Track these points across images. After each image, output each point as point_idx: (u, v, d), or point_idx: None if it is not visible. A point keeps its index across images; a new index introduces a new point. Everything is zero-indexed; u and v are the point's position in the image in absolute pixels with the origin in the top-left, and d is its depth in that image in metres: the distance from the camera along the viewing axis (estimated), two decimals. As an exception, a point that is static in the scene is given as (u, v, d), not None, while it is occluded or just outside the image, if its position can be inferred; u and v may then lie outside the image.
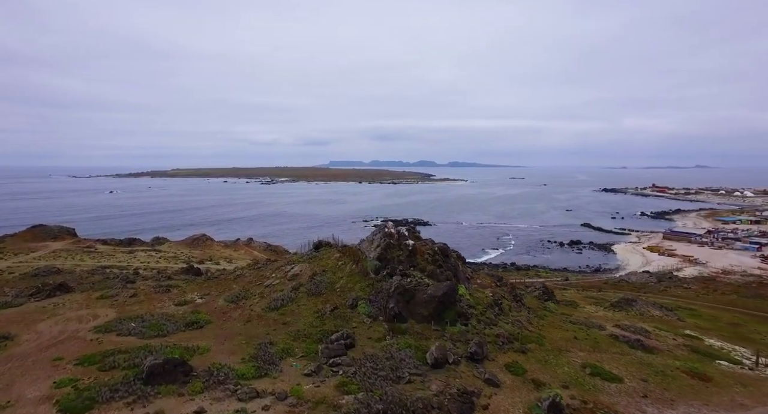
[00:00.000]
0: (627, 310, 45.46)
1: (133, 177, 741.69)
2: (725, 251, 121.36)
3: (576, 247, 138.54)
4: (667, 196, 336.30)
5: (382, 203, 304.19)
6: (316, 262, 37.59)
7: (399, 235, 34.10)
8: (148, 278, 48.22)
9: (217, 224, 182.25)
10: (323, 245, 40.22)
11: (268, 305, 31.78)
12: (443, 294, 29.64)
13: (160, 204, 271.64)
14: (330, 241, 40.70)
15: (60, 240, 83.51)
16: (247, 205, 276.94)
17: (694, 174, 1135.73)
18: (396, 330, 28.49)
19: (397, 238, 33.89)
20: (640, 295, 69.11)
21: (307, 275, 35.27)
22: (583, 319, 39.71)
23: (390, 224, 34.85)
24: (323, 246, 40.26)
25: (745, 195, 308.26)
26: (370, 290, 31.38)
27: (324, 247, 40.12)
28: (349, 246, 39.09)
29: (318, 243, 40.37)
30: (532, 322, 33.90)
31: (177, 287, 39.90)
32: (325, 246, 40.22)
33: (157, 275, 50.26)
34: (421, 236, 36.93)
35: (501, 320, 32.14)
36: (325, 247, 40.06)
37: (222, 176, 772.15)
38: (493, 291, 36.33)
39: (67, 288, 38.34)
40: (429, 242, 36.76)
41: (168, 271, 61.40)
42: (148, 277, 49.10)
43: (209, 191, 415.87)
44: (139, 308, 33.54)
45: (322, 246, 40.34)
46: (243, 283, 38.25)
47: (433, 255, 34.02)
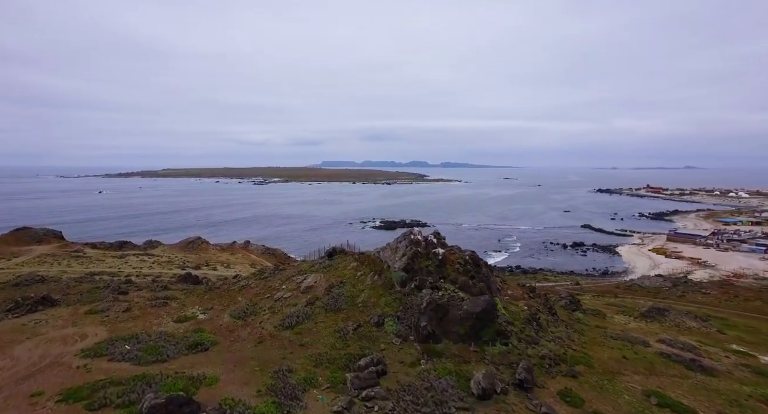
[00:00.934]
0: (660, 320, 42.36)
1: (123, 177, 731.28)
2: (732, 253, 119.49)
3: (580, 250, 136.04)
4: (663, 197, 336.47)
5: (378, 204, 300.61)
6: (332, 272, 33.98)
7: (427, 242, 30.59)
8: (142, 288, 44.16)
9: (212, 226, 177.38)
10: (337, 253, 36.61)
11: (281, 322, 28.11)
12: (482, 310, 26.18)
13: (151, 205, 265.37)
14: (344, 248, 37.09)
15: (46, 243, 78.96)
16: (241, 206, 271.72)
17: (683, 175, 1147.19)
18: (430, 352, 25.00)
19: (424, 245, 30.38)
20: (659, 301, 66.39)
21: (323, 287, 31.66)
22: (620, 332, 36.53)
23: (416, 230, 31.31)
24: (337, 253, 36.65)
25: (740, 196, 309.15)
26: (397, 306, 27.86)
27: (338, 254, 36.52)
28: (367, 254, 35.52)
29: (331, 250, 36.77)
30: (573, 339, 30.58)
31: (175, 299, 36.05)
32: (340, 253, 36.62)
33: (152, 284, 46.22)
34: (446, 243, 33.42)
35: (542, 338, 28.79)
36: (339, 255, 36.49)
37: (213, 176, 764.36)
38: (527, 303, 32.95)
39: (51, 301, 34.34)
40: (456, 249, 33.31)
41: (163, 279, 57.45)
42: (143, 287, 45.05)
43: (202, 192, 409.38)
44: (133, 326, 29.71)
45: (336, 253, 36.73)
46: (249, 295, 34.50)
47: (464, 264, 30.54)
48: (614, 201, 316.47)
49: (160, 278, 60.66)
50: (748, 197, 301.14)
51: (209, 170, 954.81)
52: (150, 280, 50.31)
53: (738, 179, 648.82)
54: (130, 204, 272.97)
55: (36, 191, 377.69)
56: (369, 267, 32.72)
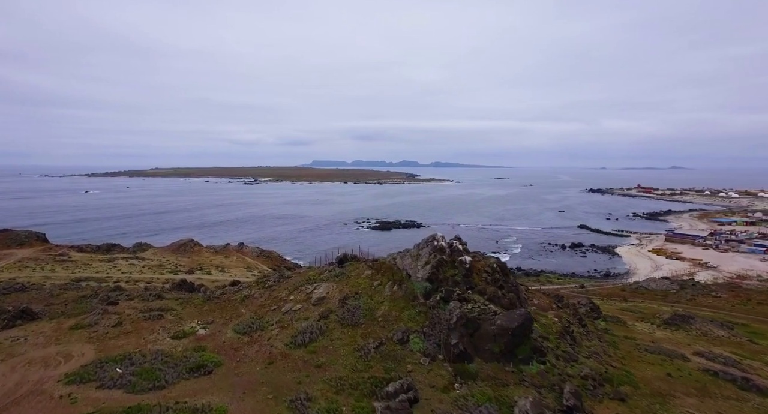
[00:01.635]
0: (685, 329, 40.20)
1: (109, 176, 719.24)
2: (732, 254, 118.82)
3: (579, 250, 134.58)
4: (654, 197, 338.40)
5: (372, 204, 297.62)
6: (344, 281, 31.11)
7: (452, 249, 27.90)
8: (133, 297, 40.79)
9: (204, 227, 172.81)
10: (348, 259, 33.73)
11: (293, 339, 25.19)
12: (519, 326, 23.53)
13: (140, 205, 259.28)
14: (356, 255, 34.25)
15: (28, 247, 74.81)
16: (232, 206, 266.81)
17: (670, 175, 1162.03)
18: (464, 373, 22.32)
19: (449, 253, 27.66)
20: (670, 305, 64.55)
21: (337, 299, 28.79)
22: (650, 343, 34.26)
23: (440, 236, 28.57)
24: (348, 260, 33.79)
25: (730, 196, 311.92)
26: (422, 320, 25.10)
27: (350, 261, 33.65)
28: (382, 260, 32.74)
29: (342, 256, 33.89)
30: (610, 354, 28.13)
31: (171, 311, 32.88)
32: (351, 260, 33.75)
33: (144, 292, 42.81)
34: (469, 249, 30.76)
35: (578, 353, 26.26)
36: (351, 262, 33.62)
37: (203, 176, 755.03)
38: (557, 314, 30.43)
39: (32, 314, 31.00)
40: (482, 256, 30.68)
41: (156, 286, 54.08)
42: (134, 296, 41.66)
43: (191, 191, 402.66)
44: (125, 343, 26.60)
45: (347, 260, 33.86)
46: (254, 306, 31.50)
47: (492, 273, 27.90)
48: (607, 201, 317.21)
49: (152, 284, 57.25)
50: (738, 197, 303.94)
51: (199, 170, 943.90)
52: (142, 288, 46.89)
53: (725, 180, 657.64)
54: (118, 204, 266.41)
55: (18, 191, 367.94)
56: (386, 276, 29.92)
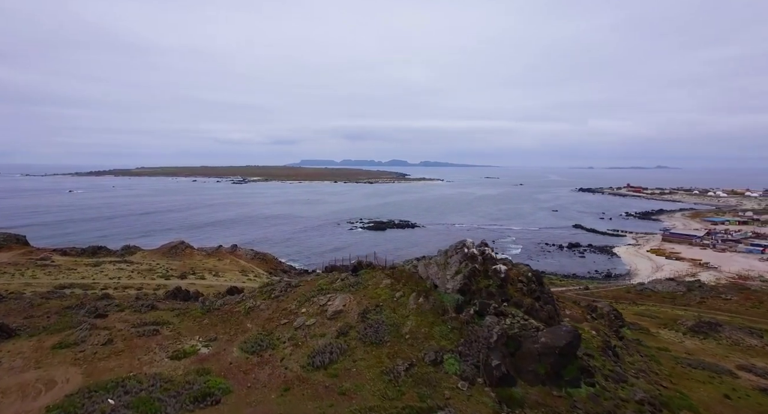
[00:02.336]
0: (715, 337, 38.17)
1: (94, 175, 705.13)
2: (729, 254, 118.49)
3: (577, 251, 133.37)
4: (644, 196, 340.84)
5: (363, 204, 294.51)
6: (362, 292, 28.28)
7: (484, 257, 25.21)
8: (123, 307, 37.43)
9: (193, 228, 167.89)
10: (363, 267, 30.91)
11: (310, 360, 22.30)
12: (567, 345, 20.97)
13: (127, 206, 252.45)
14: (372, 262, 31.44)
15: (6, 250, 70.52)
16: (222, 206, 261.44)
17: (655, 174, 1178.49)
18: (509, 400, 19.66)
19: (481, 261, 24.98)
20: (681, 308, 62.88)
21: (355, 312, 25.95)
22: (686, 355, 32.09)
23: (470, 243, 25.90)
24: (363, 268, 30.96)
25: (718, 195, 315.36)
26: (456, 338, 22.38)
27: (365, 269, 30.82)
28: (401, 268, 29.99)
29: (357, 264, 31.05)
30: (656, 372, 25.76)
31: (167, 325, 29.72)
32: (367, 268, 30.92)
33: (136, 302, 39.42)
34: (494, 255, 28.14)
35: (626, 372, 23.81)
36: (366, 270, 30.79)
37: (190, 175, 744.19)
38: (593, 327, 27.99)
39: (8, 331, 27.58)
40: (511, 264, 28.10)
41: (147, 294, 50.66)
42: (124, 306, 38.31)
43: (179, 191, 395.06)
44: (117, 365, 23.46)
45: (362, 268, 31.03)
46: (260, 320, 28.51)
47: (528, 283, 25.34)
48: (598, 200, 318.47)
49: (142, 291, 53.73)
50: (726, 196, 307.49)
51: (186, 169, 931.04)
52: (133, 297, 43.38)
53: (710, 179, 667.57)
54: (104, 204, 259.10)
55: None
56: (408, 286, 27.18)
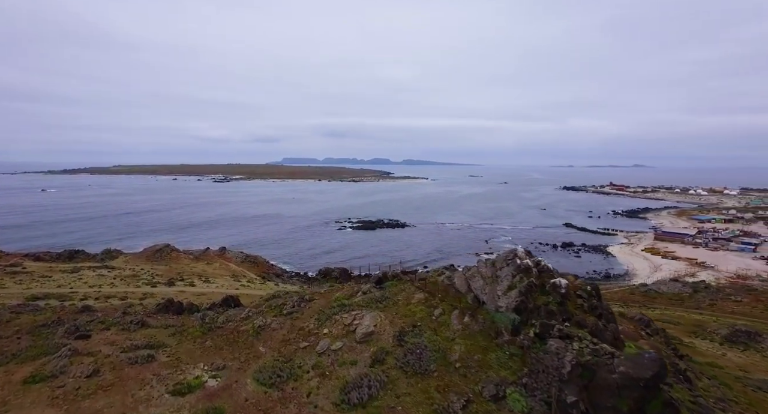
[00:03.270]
0: (756, 348, 35.81)
1: (69, 174, 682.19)
2: (723, 253, 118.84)
3: (571, 250, 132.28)
4: (628, 195, 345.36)
5: (349, 202, 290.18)
6: (392, 308, 24.69)
7: (540, 269, 21.91)
8: (108, 324, 33.01)
9: (178, 230, 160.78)
10: (390, 278, 27.31)
11: (344, 396, 18.65)
12: (654, 376, 17.80)
13: (105, 205, 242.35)
14: (398, 272, 27.87)
15: (-26, 257, 64.54)
16: (205, 205, 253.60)
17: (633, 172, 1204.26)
18: (592, 446, 16.43)
19: (537, 274, 21.67)
20: (694, 311, 61.09)
21: (390, 334, 22.36)
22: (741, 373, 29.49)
23: (521, 252, 22.54)
24: (389, 279, 27.35)
25: (699, 193, 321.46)
26: (517, 367, 19.02)
27: (390, 281, 27.23)
28: (433, 280, 26.50)
29: (382, 275, 27.42)
30: (735, 399, 22.90)
31: (163, 348, 25.60)
32: (393, 280, 27.33)
33: (123, 318, 34.92)
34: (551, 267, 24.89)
35: (707, 402, 20.83)
36: (392, 282, 27.19)
37: (170, 173, 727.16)
38: (652, 345, 24.97)
39: (-29, 361, 23.14)
40: (555, 273, 24.87)
41: (133, 304, 46.03)
42: (109, 322, 33.85)
43: (160, 190, 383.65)
44: (106, 405, 19.36)
45: (387, 279, 27.43)
46: (274, 342, 24.66)
47: (588, 298, 22.13)
48: (583, 199, 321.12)
49: (127, 301, 48.99)
50: (707, 194, 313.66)
51: (166, 167, 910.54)
52: (119, 311, 38.72)
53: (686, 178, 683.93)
54: (80, 204, 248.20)
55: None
56: (446, 302, 23.71)
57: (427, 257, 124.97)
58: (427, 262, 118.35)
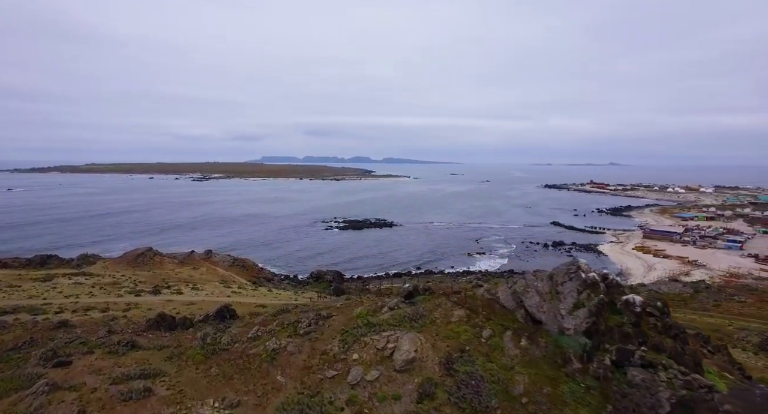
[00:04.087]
0: (792, 355, 34.14)
1: (37, 172, 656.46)
2: (711, 251, 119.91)
3: (562, 249, 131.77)
4: (609, 193, 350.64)
5: (333, 201, 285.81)
6: (430, 328, 21.56)
7: (608, 284, 19.16)
8: (91, 346, 28.87)
9: (158, 232, 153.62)
10: (422, 292, 24.17)
11: (393, 444, 15.47)
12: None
13: (79, 206, 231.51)
14: (430, 285, 24.74)
15: (-67, 265, 58.69)
16: (185, 205, 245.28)
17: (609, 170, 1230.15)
18: None
19: (605, 289, 18.87)
20: (706, 314, 59.92)
21: (435, 361, 19.23)
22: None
23: (585, 265, 19.73)
24: (420, 293, 24.22)
25: (677, 191, 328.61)
26: (597, 402, 16.11)
27: (424, 295, 24.10)
28: (473, 294, 23.48)
29: (413, 289, 24.22)
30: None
31: (160, 378, 21.83)
32: (425, 293, 24.20)
33: (108, 337, 30.75)
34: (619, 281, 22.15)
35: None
36: (424, 296, 24.06)
37: (146, 172, 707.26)
38: (720, 366, 22.56)
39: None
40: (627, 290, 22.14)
41: (116, 317, 41.68)
42: (92, 343, 29.68)
43: (136, 189, 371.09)
44: (97, 462, 15.78)
45: (418, 293, 24.28)
46: (294, 369, 21.20)
47: (661, 316, 19.43)
48: (566, 197, 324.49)
49: (109, 313, 44.56)
50: (685, 192, 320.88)
51: (142, 166, 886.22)
52: (102, 328, 34.36)
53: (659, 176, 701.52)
54: (51, 205, 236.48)
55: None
56: (494, 322, 20.73)
57: (421, 258, 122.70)
58: (422, 264, 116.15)
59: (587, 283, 18.71)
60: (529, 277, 21.34)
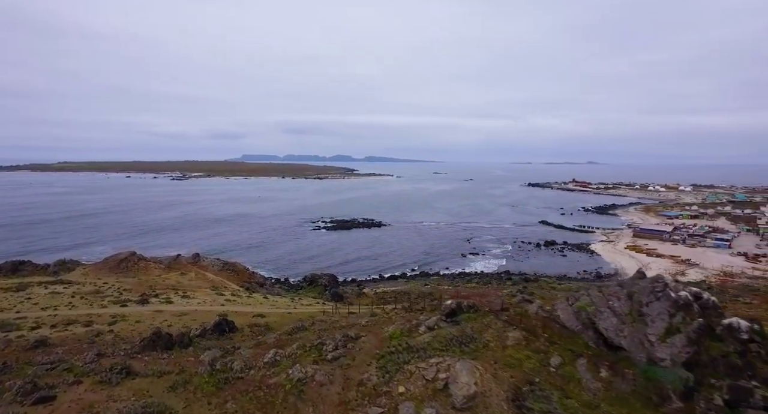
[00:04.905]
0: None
1: (6, 171, 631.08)
2: (701, 249, 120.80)
3: (555, 249, 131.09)
4: (591, 191, 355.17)
5: (318, 201, 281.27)
6: (484, 353, 18.71)
7: (702, 304, 16.63)
8: (79, 373, 25.04)
9: (140, 234, 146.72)
10: (465, 310, 21.33)
11: None
12: None
13: (52, 206, 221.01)
14: (473, 302, 21.92)
15: None
16: (166, 206, 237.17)
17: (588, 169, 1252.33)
18: None
19: (699, 311, 16.34)
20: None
21: (501, 396, 16.37)
22: None
23: (671, 281, 17.18)
24: (466, 311, 21.38)
25: (658, 190, 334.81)
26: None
27: (468, 312, 21.26)
28: (524, 312, 20.75)
29: (456, 307, 21.36)
30: None
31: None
32: (469, 312, 21.37)
33: (97, 362, 26.93)
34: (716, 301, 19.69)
35: None
36: (470, 314, 21.23)
37: (123, 171, 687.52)
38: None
39: None
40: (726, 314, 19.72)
41: (101, 333, 37.66)
42: (78, 369, 25.79)
43: (114, 189, 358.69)
44: None
45: (462, 311, 21.44)
46: (328, 406, 18.05)
47: (763, 342, 17.00)
48: (550, 195, 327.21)
49: (94, 328, 40.37)
50: (666, 191, 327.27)
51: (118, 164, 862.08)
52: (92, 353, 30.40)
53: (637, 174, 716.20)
54: (22, 205, 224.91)
55: None
56: (560, 346, 18.03)
57: (415, 259, 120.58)
58: (417, 265, 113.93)
59: (679, 303, 16.13)
60: (595, 294, 18.69)
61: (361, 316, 32.29)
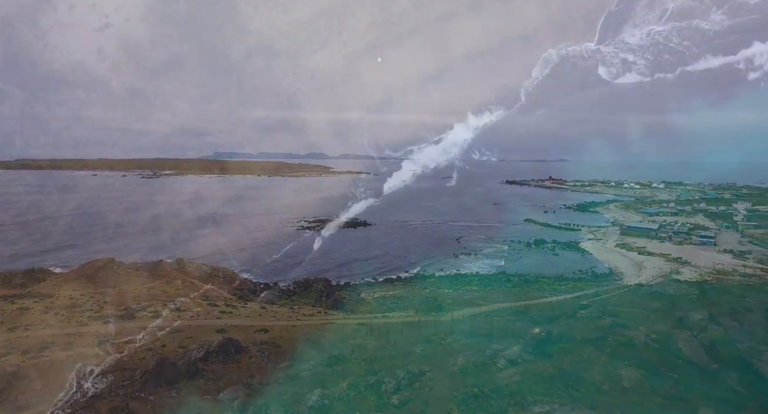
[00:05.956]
0: None
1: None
2: (689, 247, 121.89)
3: (545, 248, 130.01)
4: (568, 188, 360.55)
5: (300, 199, 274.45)
6: (602, 400, 15.26)
7: None
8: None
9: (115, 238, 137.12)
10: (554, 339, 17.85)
11: None
12: None
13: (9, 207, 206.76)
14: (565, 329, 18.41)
15: None
16: (139, 205, 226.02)
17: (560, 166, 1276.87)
18: None
19: None
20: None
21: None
22: None
23: None
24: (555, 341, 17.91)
25: (632, 187, 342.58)
26: None
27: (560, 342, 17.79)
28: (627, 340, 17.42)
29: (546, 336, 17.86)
30: None
31: None
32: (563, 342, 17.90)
33: (89, 403, 22.20)
34: None
35: None
36: (564, 345, 17.74)
37: (87, 169, 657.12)
38: None
39: None
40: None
41: (85, 356, 32.67)
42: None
43: (79, 188, 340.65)
44: None
45: (553, 341, 17.96)
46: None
47: None
48: (530, 193, 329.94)
49: (74, 352, 35.10)
50: (640, 188, 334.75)
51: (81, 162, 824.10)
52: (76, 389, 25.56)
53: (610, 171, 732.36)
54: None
55: None
56: (698, 390, 14.72)
57: (407, 260, 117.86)
58: (410, 267, 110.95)
59: None
60: (730, 324, 15.46)
61: (414, 341, 28.20)
